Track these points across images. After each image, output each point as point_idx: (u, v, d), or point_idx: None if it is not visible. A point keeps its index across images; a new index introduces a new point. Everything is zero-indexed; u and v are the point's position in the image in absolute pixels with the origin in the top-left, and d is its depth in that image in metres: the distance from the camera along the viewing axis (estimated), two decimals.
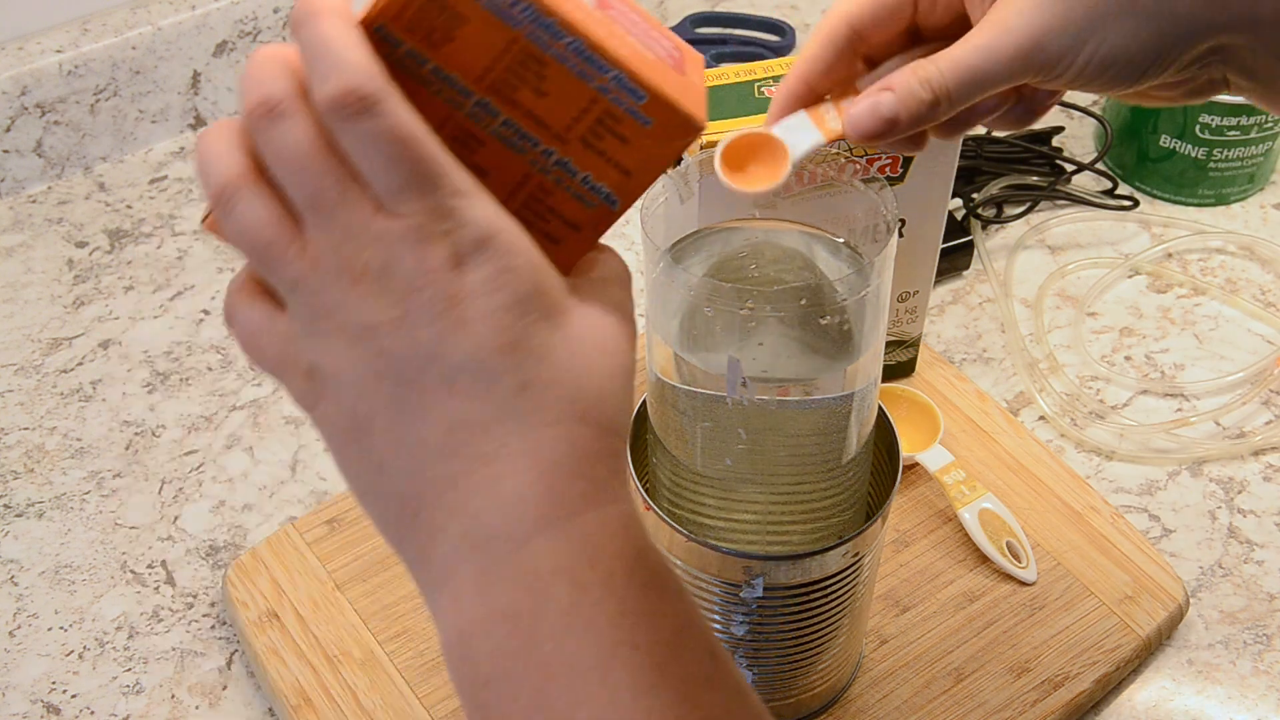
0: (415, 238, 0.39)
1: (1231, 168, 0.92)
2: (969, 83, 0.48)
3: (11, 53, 0.93)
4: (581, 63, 0.42)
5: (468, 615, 0.39)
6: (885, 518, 0.58)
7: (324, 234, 0.39)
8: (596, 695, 0.38)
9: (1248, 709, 0.67)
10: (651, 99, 0.42)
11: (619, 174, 0.43)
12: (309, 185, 0.39)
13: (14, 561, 0.74)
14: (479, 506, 0.39)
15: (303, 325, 0.40)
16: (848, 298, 0.53)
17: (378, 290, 0.39)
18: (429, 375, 0.39)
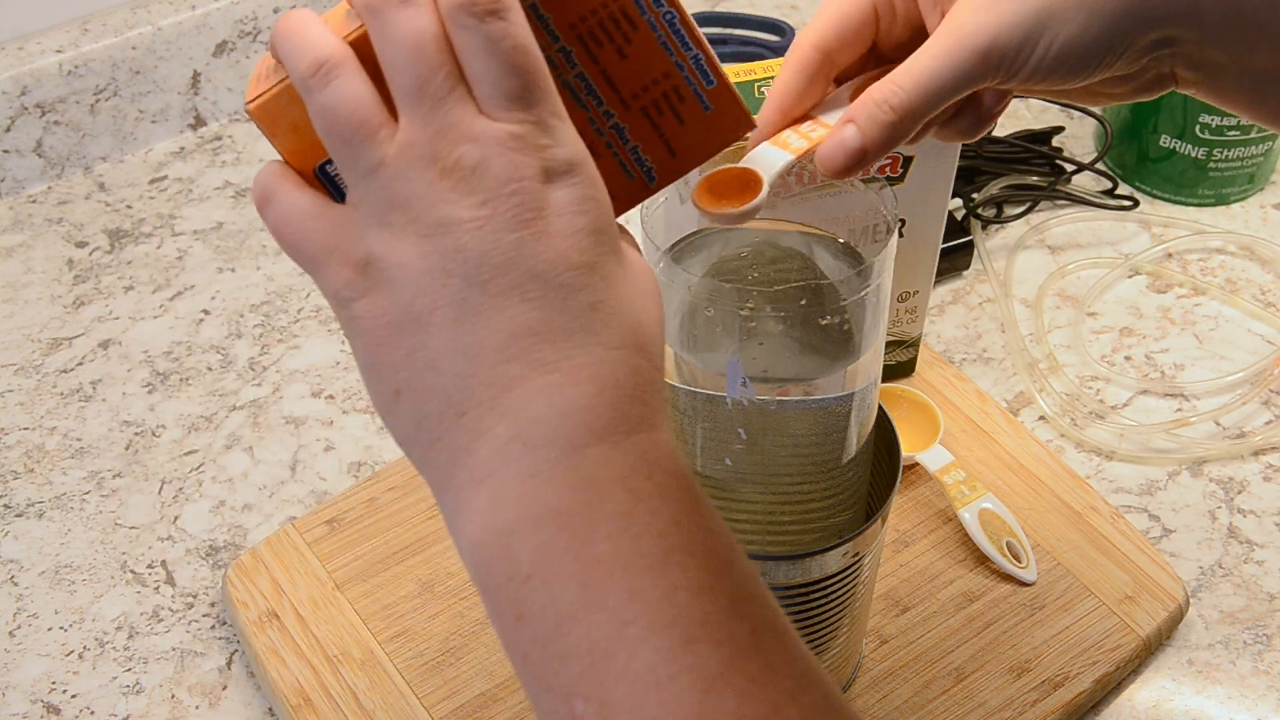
0: (513, 145, 0.39)
1: (1231, 168, 0.92)
2: (929, 92, 0.48)
3: (11, 53, 0.93)
4: (670, 35, 0.43)
5: (510, 513, 0.39)
6: (885, 518, 0.58)
7: (421, 124, 0.39)
8: (651, 592, 0.37)
9: (1248, 709, 0.67)
10: (720, 87, 0.44)
11: (666, 153, 0.44)
12: (420, 72, 0.39)
13: (14, 561, 0.74)
14: (536, 411, 0.39)
15: (370, 214, 0.40)
16: (848, 298, 0.53)
17: (466, 188, 0.39)
18: (502, 279, 0.39)
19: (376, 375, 0.41)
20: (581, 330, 0.40)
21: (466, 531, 0.39)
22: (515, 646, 0.38)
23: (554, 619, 0.37)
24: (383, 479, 0.75)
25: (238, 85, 1.00)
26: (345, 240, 0.41)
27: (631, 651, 0.36)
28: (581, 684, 0.37)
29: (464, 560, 0.40)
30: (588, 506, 0.38)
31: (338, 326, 0.86)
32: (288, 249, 0.42)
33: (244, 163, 0.98)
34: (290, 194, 0.42)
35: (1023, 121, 1.00)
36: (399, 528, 0.73)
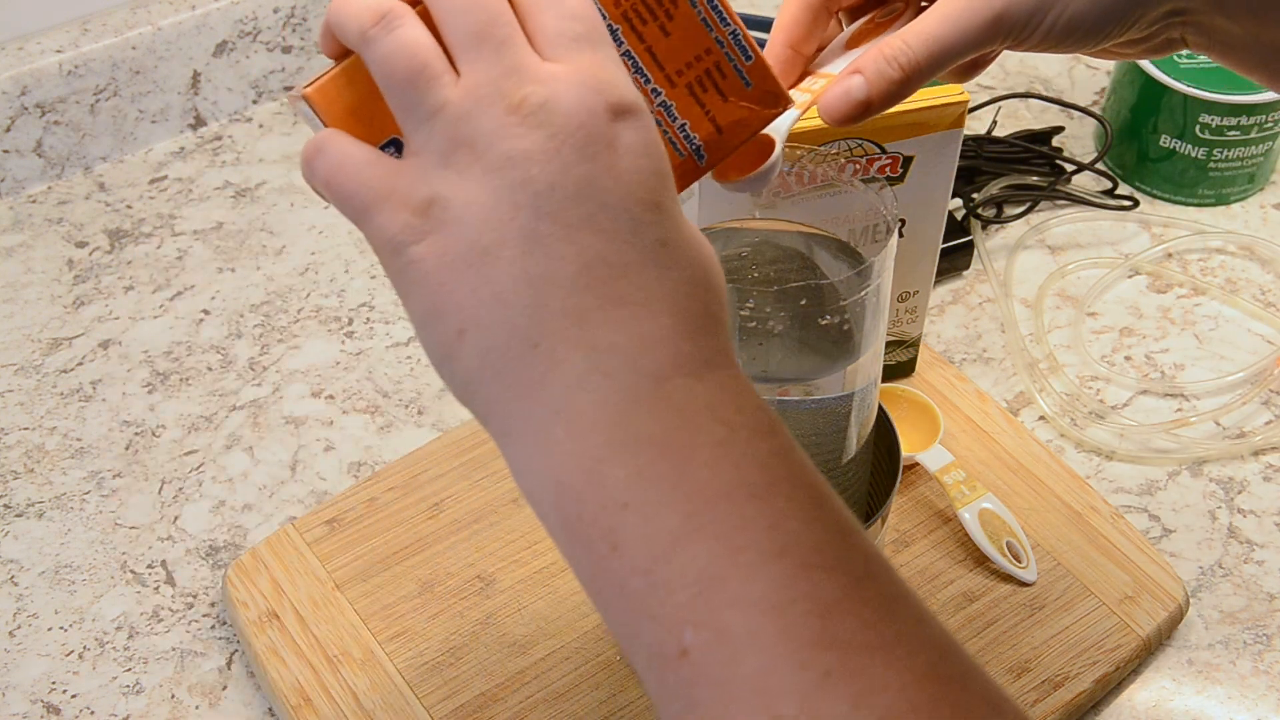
0: (581, 81, 0.39)
1: (1231, 168, 0.92)
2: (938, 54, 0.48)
3: (11, 53, 0.93)
4: (709, 10, 0.44)
5: (596, 441, 0.38)
6: (885, 518, 0.58)
7: (484, 66, 0.39)
8: (759, 519, 0.36)
9: (1248, 709, 0.67)
10: (757, 62, 0.45)
11: (713, 129, 0.45)
12: (479, 17, 0.39)
13: (14, 561, 0.74)
14: (613, 341, 0.38)
15: (432, 157, 0.40)
16: (848, 298, 0.53)
17: (534, 122, 0.39)
18: (573, 211, 0.39)
19: (437, 319, 0.40)
20: (653, 264, 0.39)
21: (544, 466, 0.38)
22: (609, 578, 0.37)
23: (657, 546, 0.36)
24: (383, 479, 0.75)
25: (238, 85, 1.01)
26: (404, 184, 0.40)
27: (745, 577, 0.35)
28: (691, 611, 0.35)
29: (536, 498, 0.39)
30: (682, 433, 0.37)
31: (338, 326, 0.86)
32: (339, 197, 0.41)
33: (244, 163, 0.98)
34: (341, 144, 0.41)
35: (1023, 121, 1.00)
36: (399, 528, 0.73)
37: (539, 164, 0.39)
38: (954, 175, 0.71)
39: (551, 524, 0.39)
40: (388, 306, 0.87)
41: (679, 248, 0.40)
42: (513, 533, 0.72)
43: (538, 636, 0.68)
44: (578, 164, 0.39)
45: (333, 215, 0.93)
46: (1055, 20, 0.48)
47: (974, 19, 0.48)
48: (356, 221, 0.41)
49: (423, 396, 0.82)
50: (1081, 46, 0.50)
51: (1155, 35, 0.51)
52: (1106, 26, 0.49)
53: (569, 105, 0.39)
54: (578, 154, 0.39)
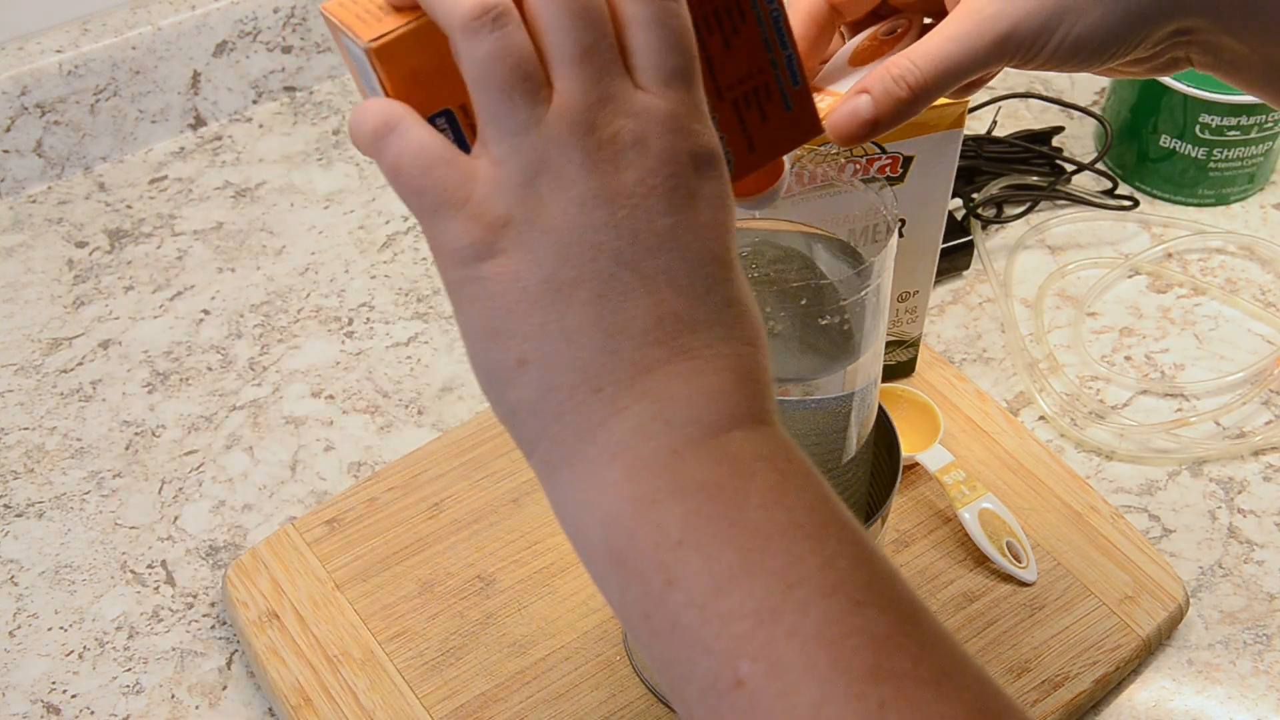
0: (673, 125, 0.39)
1: (1231, 168, 0.92)
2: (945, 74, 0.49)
3: (11, 53, 0.93)
4: (773, 31, 0.44)
5: (653, 483, 0.38)
6: (885, 518, 0.58)
7: (581, 89, 0.39)
8: (811, 558, 0.37)
9: (1248, 709, 0.67)
10: (803, 88, 0.45)
11: (746, 147, 0.45)
12: (585, 38, 0.38)
13: (14, 561, 0.74)
14: (677, 392, 0.39)
15: (514, 174, 0.39)
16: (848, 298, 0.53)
17: (626, 163, 0.39)
18: (652, 262, 0.39)
19: (496, 343, 0.39)
20: (720, 323, 0.40)
21: (598, 504, 0.39)
22: (663, 612, 0.37)
23: (712, 582, 0.37)
24: (383, 479, 0.75)
25: (238, 85, 1.01)
26: (480, 194, 0.39)
27: (801, 612, 0.36)
28: (748, 644, 0.36)
29: (582, 531, 0.39)
30: (736, 478, 0.38)
31: (338, 326, 0.86)
32: (406, 191, 0.40)
33: (244, 163, 0.98)
34: (416, 130, 0.39)
35: (1023, 121, 1.00)
36: (399, 528, 0.73)
37: (626, 209, 0.39)
38: (954, 175, 0.71)
39: (597, 558, 0.39)
40: (388, 306, 0.87)
41: (741, 306, 0.41)
42: (513, 533, 0.72)
43: (538, 636, 0.68)
44: (663, 215, 0.39)
45: (333, 215, 0.93)
46: (1061, 40, 0.49)
47: (981, 39, 0.48)
48: (420, 217, 0.40)
49: (423, 396, 0.82)
50: (1087, 65, 0.50)
51: (1160, 55, 0.51)
52: (1112, 46, 0.49)
53: (659, 151, 0.39)
54: (664, 203, 0.39)
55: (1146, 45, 0.50)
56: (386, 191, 0.95)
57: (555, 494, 0.40)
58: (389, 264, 0.90)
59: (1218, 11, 0.49)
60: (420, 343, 0.85)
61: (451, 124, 0.41)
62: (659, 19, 0.39)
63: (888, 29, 0.54)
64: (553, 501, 0.40)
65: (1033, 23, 0.48)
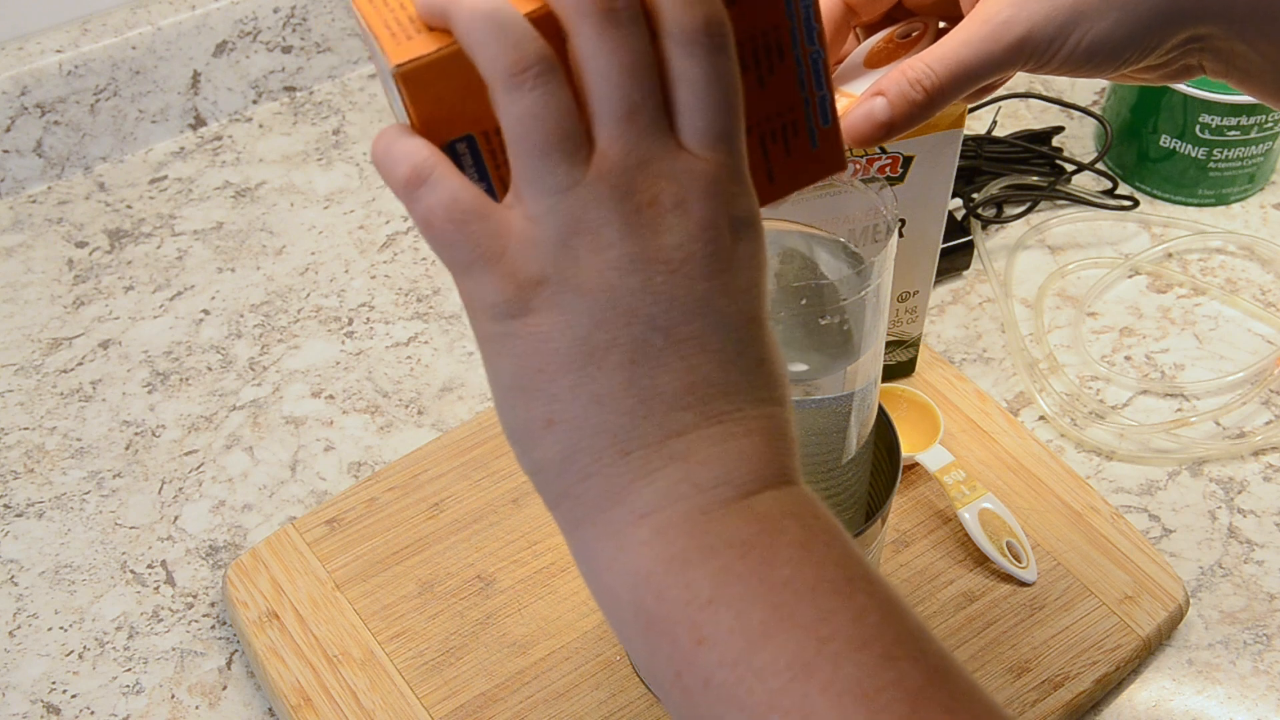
0: (713, 189, 0.39)
1: (1231, 168, 0.92)
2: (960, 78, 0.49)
3: (11, 53, 0.93)
4: (810, 73, 0.43)
5: (682, 543, 0.38)
6: (885, 518, 0.58)
7: (623, 150, 0.38)
8: (842, 612, 0.37)
9: (1248, 709, 0.67)
10: (832, 127, 0.44)
11: (766, 178, 0.44)
12: (632, 96, 0.38)
13: (14, 561, 0.74)
14: (706, 456, 0.39)
15: (550, 234, 0.38)
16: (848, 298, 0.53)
17: (664, 226, 0.38)
18: (686, 327, 0.39)
19: (525, 400, 0.39)
20: (750, 386, 0.40)
21: (626, 563, 0.39)
22: (693, 671, 0.37)
23: (744, 639, 0.37)
24: (383, 479, 0.75)
25: (238, 85, 1.01)
26: (514, 251, 0.38)
27: (834, 666, 0.36)
28: (783, 699, 0.36)
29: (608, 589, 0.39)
30: (764, 536, 0.38)
31: (338, 326, 0.86)
32: (438, 244, 0.39)
33: (244, 163, 0.98)
34: (450, 182, 0.39)
35: (1023, 121, 0.99)
36: (399, 528, 0.73)
37: (663, 274, 0.38)
38: (954, 175, 0.71)
39: (625, 617, 0.39)
40: (388, 306, 0.87)
41: (771, 366, 0.41)
42: (513, 533, 0.72)
43: (538, 636, 0.68)
44: (700, 280, 0.39)
45: (332, 215, 0.93)
46: (1076, 45, 0.49)
47: (997, 43, 0.48)
48: (451, 270, 0.40)
49: (423, 396, 0.82)
50: (1100, 71, 0.50)
51: (1173, 62, 0.52)
52: (1125, 52, 0.49)
53: (699, 215, 0.38)
54: (701, 269, 0.39)
55: (1159, 52, 0.50)
56: (386, 192, 0.95)
57: (579, 550, 0.40)
58: (389, 264, 0.90)
59: (1231, 18, 0.49)
60: (420, 343, 0.85)
61: (473, 150, 0.40)
62: (710, 80, 0.38)
63: (903, 32, 0.54)
64: (577, 557, 0.40)
65: (1048, 28, 0.48)
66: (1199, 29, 0.49)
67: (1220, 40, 0.50)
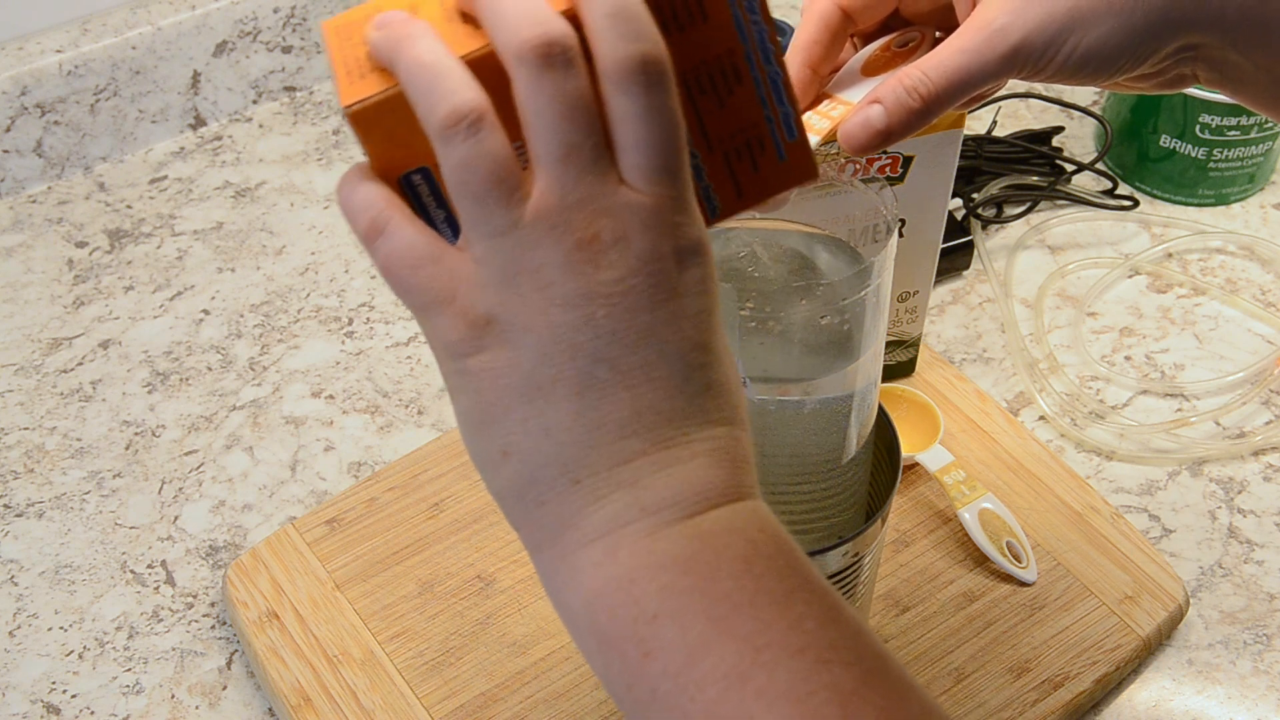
0: (656, 222, 0.39)
1: (1231, 168, 0.92)
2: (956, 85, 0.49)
3: (11, 53, 0.93)
4: (771, 91, 0.43)
5: (629, 563, 0.40)
6: (885, 518, 0.58)
7: (560, 190, 0.39)
8: (779, 621, 0.38)
9: (1248, 709, 0.67)
10: (799, 141, 0.45)
11: (734, 192, 0.45)
12: (569, 138, 0.38)
13: (14, 561, 0.74)
14: (654, 483, 0.40)
15: (494, 274, 0.39)
16: (848, 298, 0.53)
17: (604, 262, 0.39)
18: (631, 357, 0.39)
19: (483, 433, 0.41)
20: (698, 410, 0.41)
21: (579, 584, 0.40)
22: (642, 683, 0.39)
23: (685, 650, 0.38)
24: (383, 479, 0.75)
25: (238, 85, 1.01)
26: (464, 292, 0.40)
27: (769, 673, 0.38)
28: (720, 706, 0.38)
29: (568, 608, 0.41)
30: (708, 552, 0.40)
31: (338, 326, 0.86)
32: (397, 290, 0.41)
33: (244, 163, 0.98)
34: (405, 231, 0.40)
35: (1023, 121, 0.99)
36: (399, 528, 0.73)
37: (605, 308, 0.39)
38: (954, 175, 0.71)
39: (582, 634, 0.41)
40: (388, 306, 0.87)
41: (720, 388, 0.41)
42: (512, 533, 0.72)
43: (538, 636, 0.68)
44: (643, 311, 0.39)
45: (332, 215, 0.93)
46: (1071, 53, 0.49)
47: (993, 50, 0.49)
48: (413, 312, 0.41)
49: (423, 396, 0.82)
50: (1094, 79, 0.51)
51: (1166, 70, 0.52)
52: (1119, 60, 0.50)
53: (639, 249, 0.39)
54: (644, 301, 0.39)
55: (1153, 61, 0.50)
56: None
57: (542, 572, 0.42)
58: None
59: (1224, 28, 0.49)
60: (420, 343, 0.85)
61: (428, 180, 0.41)
62: (650, 116, 0.39)
63: (900, 40, 0.54)
64: (541, 578, 0.42)
65: (1042, 36, 0.49)
66: (1192, 38, 0.50)
67: (1213, 49, 0.50)
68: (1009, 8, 0.49)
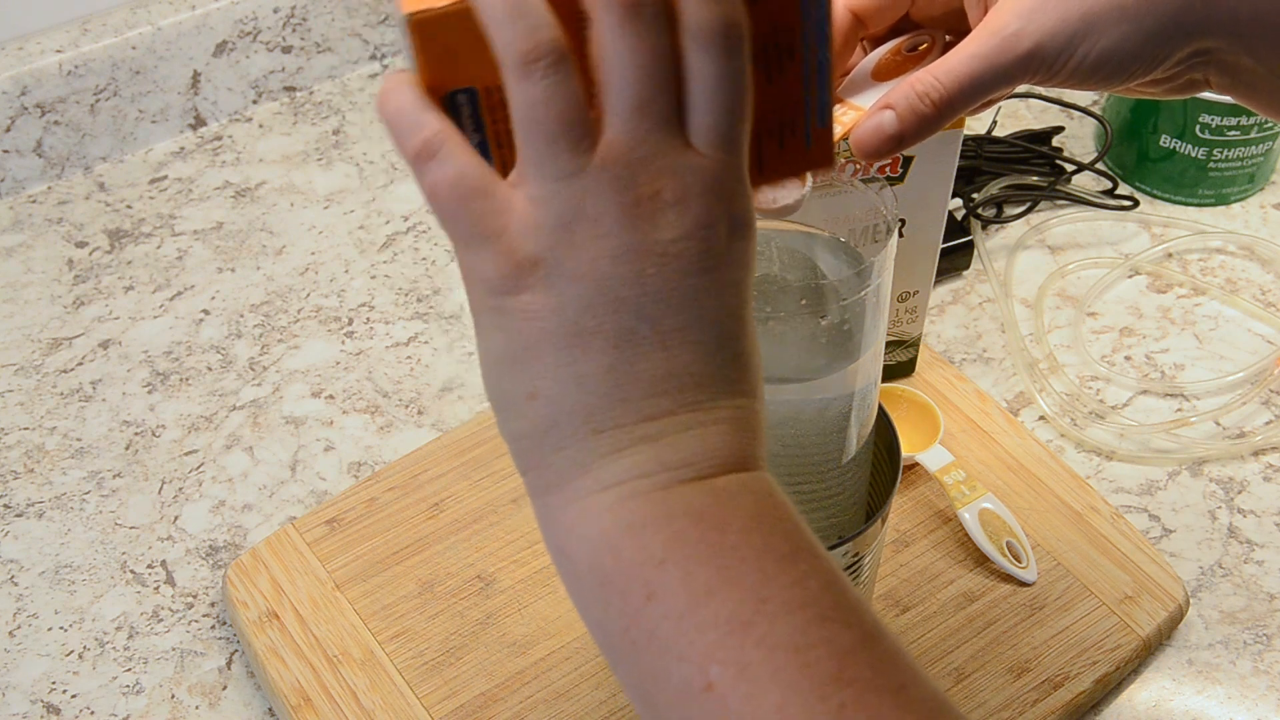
0: (714, 188, 0.40)
1: (1231, 168, 0.92)
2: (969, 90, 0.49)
3: (11, 53, 0.93)
4: (815, 74, 0.44)
5: (642, 511, 0.40)
6: (885, 518, 0.58)
7: (628, 142, 0.39)
8: (784, 576, 0.39)
9: (1248, 709, 0.67)
10: (827, 129, 0.45)
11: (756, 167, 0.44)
12: (643, 92, 0.38)
13: (14, 561, 0.74)
14: (676, 440, 0.40)
15: (550, 217, 0.39)
16: (848, 298, 0.53)
17: (663, 220, 0.39)
18: (672, 319, 0.40)
19: (511, 372, 0.41)
20: (725, 379, 0.41)
21: (587, 526, 0.40)
22: (642, 624, 0.39)
23: (689, 596, 0.39)
24: (383, 479, 0.75)
25: (238, 85, 1.01)
26: (515, 229, 0.39)
27: (770, 623, 0.38)
28: (719, 650, 0.38)
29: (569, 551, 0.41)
30: (718, 507, 0.40)
31: (338, 326, 0.86)
32: (443, 217, 0.40)
33: (244, 163, 0.98)
34: (459, 158, 0.40)
35: (1023, 121, 0.99)
36: (399, 528, 0.73)
37: (656, 266, 0.39)
38: (954, 175, 0.71)
39: (580, 574, 0.41)
40: (388, 306, 0.87)
41: (747, 359, 0.42)
42: (513, 533, 0.72)
43: (538, 636, 0.68)
44: (691, 275, 0.40)
45: (332, 215, 0.93)
46: (1084, 57, 0.49)
47: (1005, 55, 0.49)
48: (453, 241, 0.41)
49: (423, 396, 0.82)
50: (1107, 84, 0.51)
51: (1178, 76, 0.52)
52: (1132, 65, 0.50)
53: (697, 213, 0.39)
54: (694, 265, 0.40)
55: (1166, 66, 0.50)
56: (386, 191, 0.95)
57: (543, 514, 0.42)
58: (389, 264, 0.90)
59: (1237, 32, 0.49)
60: (420, 343, 0.85)
61: (473, 103, 0.41)
62: (724, 82, 0.39)
63: (910, 44, 0.54)
64: (541, 521, 0.42)
65: (1056, 41, 0.49)
66: (1205, 42, 0.50)
67: (1226, 54, 0.50)
68: (1022, 12, 0.49)
